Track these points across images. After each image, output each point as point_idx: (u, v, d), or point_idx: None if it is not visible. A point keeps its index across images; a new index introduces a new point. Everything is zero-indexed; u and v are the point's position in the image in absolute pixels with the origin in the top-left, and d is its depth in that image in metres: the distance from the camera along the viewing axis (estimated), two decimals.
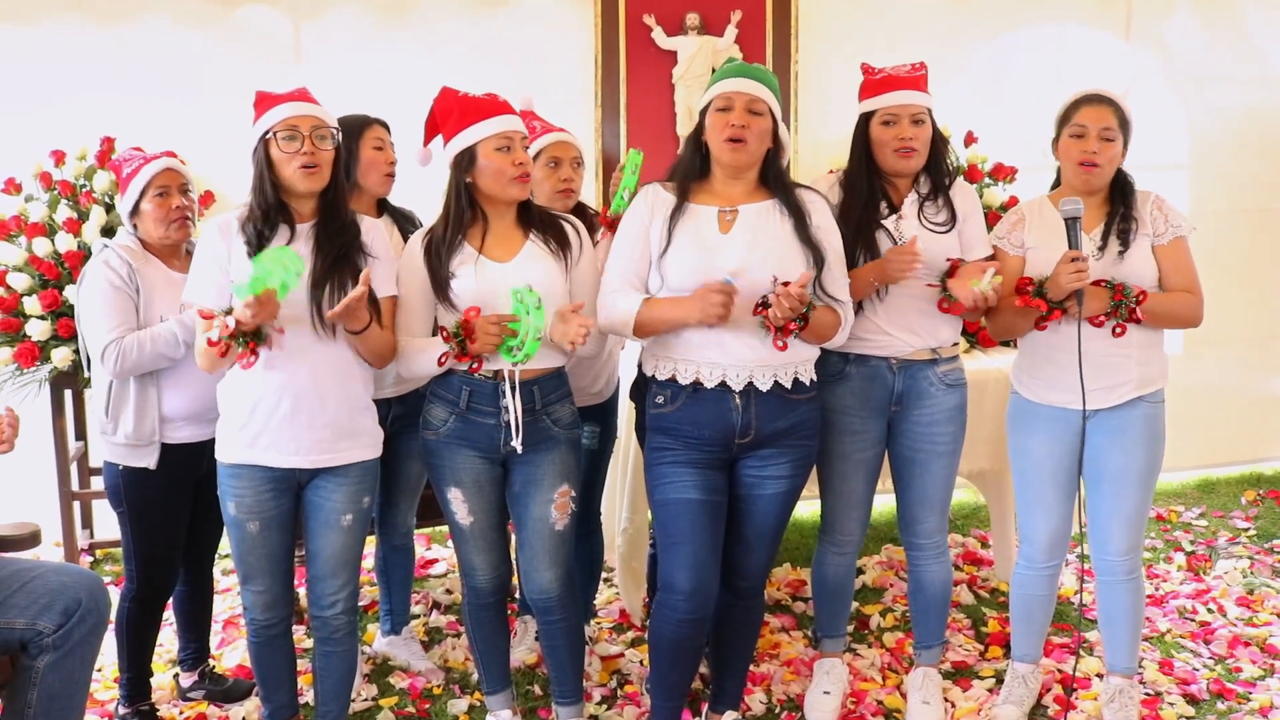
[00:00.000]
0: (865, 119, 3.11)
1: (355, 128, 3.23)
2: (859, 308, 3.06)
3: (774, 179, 2.88)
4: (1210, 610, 4.09)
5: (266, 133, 2.73)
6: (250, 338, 2.66)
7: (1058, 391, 3.09)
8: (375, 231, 2.88)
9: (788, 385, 2.82)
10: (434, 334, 2.88)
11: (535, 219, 2.91)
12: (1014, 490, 3.29)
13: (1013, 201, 4.61)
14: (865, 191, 3.08)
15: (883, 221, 3.07)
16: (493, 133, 2.79)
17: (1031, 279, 3.06)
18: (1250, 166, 5.47)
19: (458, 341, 2.75)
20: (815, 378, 2.91)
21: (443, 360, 2.79)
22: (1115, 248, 3.02)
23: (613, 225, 3.27)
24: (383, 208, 3.46)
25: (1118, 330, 3.00)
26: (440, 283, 2.82)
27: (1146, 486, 3.11)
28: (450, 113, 2.84)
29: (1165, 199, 3.09)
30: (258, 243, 2.72)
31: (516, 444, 2.83)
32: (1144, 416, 3.07)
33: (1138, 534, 3.15)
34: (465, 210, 2.86)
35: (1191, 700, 3.42)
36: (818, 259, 2.79)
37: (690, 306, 2.71)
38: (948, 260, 3.06)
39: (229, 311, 2.65)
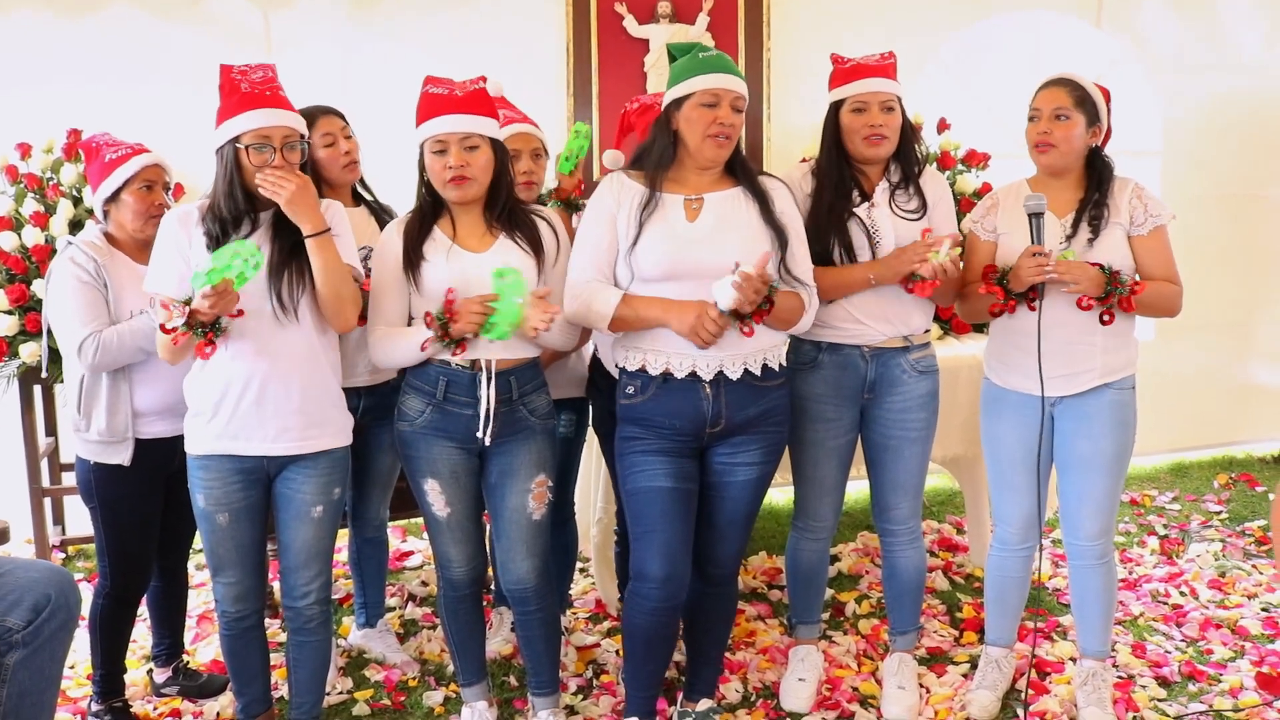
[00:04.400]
0: (835, 108, 3.12)
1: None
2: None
3: (738, 167, 2.88)
4: (1182, 593, 4.12)
5: (237, 138, 2.71)
6: (207, 328, 2.64)
7: (1022, 377, 3.10)
8: (333, 210, 2.86)
9: (757, 373, 2.83)
10: (409, 324, 2.87)
11: (507, 215, 2.89)
12: (987, 474, 3.31)
13: (986, 188, 4.62)
14: (837, 180, 3.09)
15: (855, 210, 3.08)
16: (428, 135, 2.80)
17: (995, 266, 3.09)
18: (1222, 153, 5.50)
19: (441, 325, 2.74)
20: (785, 363, 2.91)
21: (425, 345, 2.77)
22: (1085, 235, 3.02)
23: (560, 193, 3.29)
24: (359, 199, 3.44)
25: (1105, 318, 3.00)
26: (412, 262, 2.82)
27: (1115, 472, 3.12)
28: (416, 108, 2.84)
29: (1145, 187, 3.08)
30: (220, 237, 2.71)
31: (485, 436, 2.83)
32: (1110, 404, 3.08)
33: (1108, 519, 3.17)
34: (428, 204, 2.89)
35: (1163, 682, 3.45)
36: (782, 241, 2.80)
37: (680, 319, 2.71)
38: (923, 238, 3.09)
39: (188, 301, 2.63)
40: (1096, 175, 3.08)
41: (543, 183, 3.41)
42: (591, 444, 3.72)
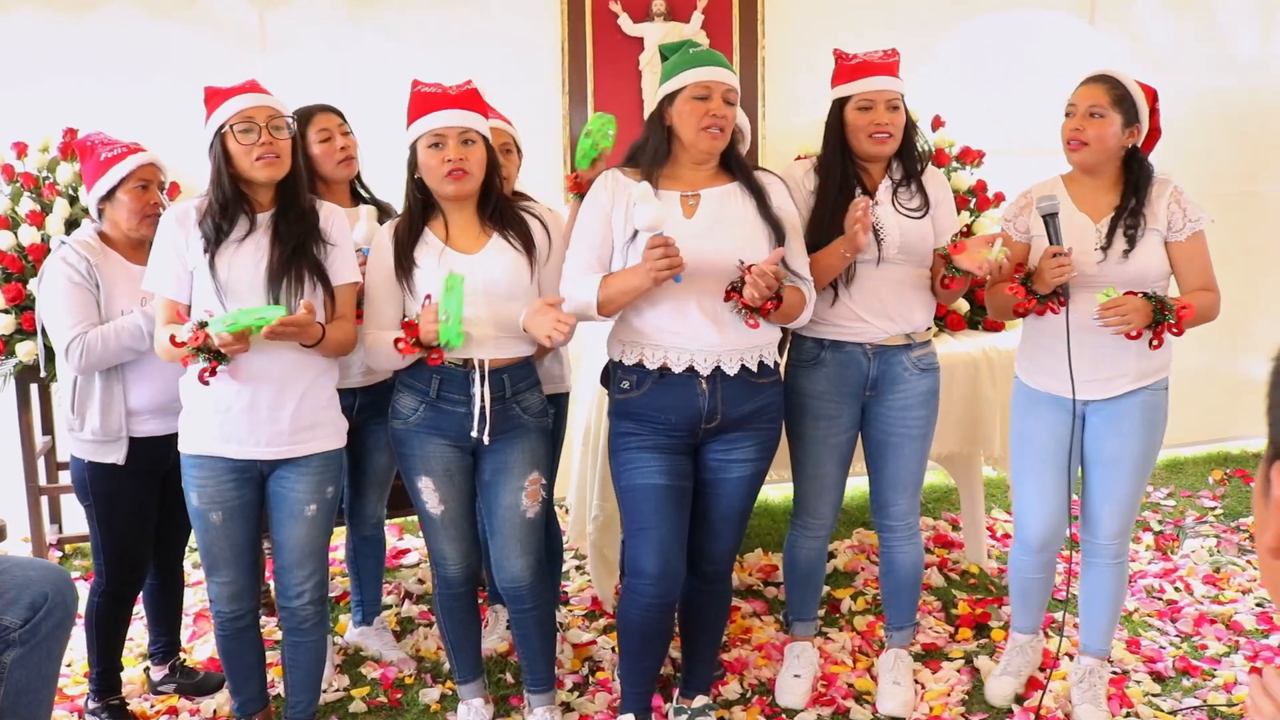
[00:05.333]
0: (840, 104, 3.11)
1: (299, 121, 3.19)
2: (834, 294, 3.08)
3: (734, 162, 2.89)
4: (1177, 589, 4.13)
5: (222, 126, 2.72)
6: (214, 356, 2.65)
7: (1054, 379, 3.09)
8: (335, 217, 2.87)
9: (754, 368, 2.84)
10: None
11: (498, 212, 2.90)
12: (1011, 475, 3.31)
13: (980, 185, 4.62)
14: (840, 178, 3.09)
15: None
16: (424, 130, 2.80)
17: (1023, 266, 3.07)
18: (1217, 150, 5.50)
19: (411, 331, 2.75)
20: (779, 360, 2.93)
21: (399, 346, 2.78)
22: (1121, 245, 2.98)
23: (577, 186, 3.29)
24: (358, 198, 3.44)
25: (1155, 343, 2.96)
26: (404, 268, 2.83)
27: (1141, 472, 3.12)
28: (408, 108, 2.84)
29: (1183, 190, 3.03)
30: (216, 236, 2.71)
31: (483, 435, 2.84)
32: (1143, 404, 3.07)
33: (1129, 519, 3.17)
34: (418, 205, 2.89)
35: (1158, 678, 3.46)
36: (779, 236, 2.81)
37: (640, 271, 2.70)
38: (955, 236, 3.10)
39: (203, 325, 2.63)
40: (1133, 179, 3.03)
41: (513, 179, 3.40)
42: (588, 442, 3.73)
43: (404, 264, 2.84)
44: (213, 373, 2.67)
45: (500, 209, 2.91)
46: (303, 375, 2.80)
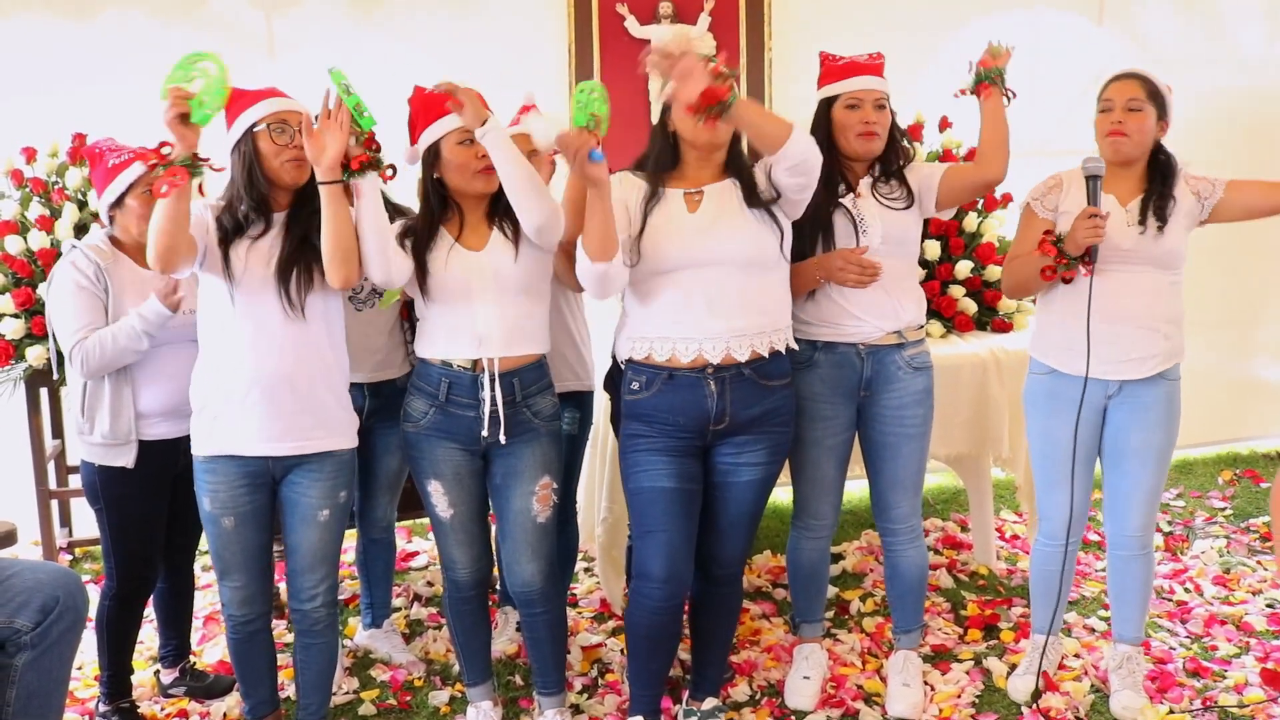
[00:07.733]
0: (826, 104, 3.15)
1: None
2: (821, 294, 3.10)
3: (732, 162, 2.92)
4: (1187, 590, 4.12)
5: (254, 125, 2.73)
6: (183, 164, 2.56)
7: (1081, 356, 3.12)
8: None
9: (765, 354, 2.85)
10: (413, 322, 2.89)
11: (502, 208, 2.91)
12: (1033, 469, 3.34)
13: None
14: (825, 175, 3.10)
15: (840, 200, 3.10)
16: (454, 127, 2.81)
17: (1053, 230, 3.13)
18: (1224, 150, 5.46)
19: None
20: (794, 346, 2.94)
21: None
22: (1154, 224, 3.07)
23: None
24: None
25: None
26: (419, 272, 2.85)
27: (1164, 463, 3.19)
28: (419, 110, 2.86)
29: (1187, 172, 3.16)
30: (235, 229, 2.74)
31: (500, 436, 2.84)
32: (1166, 394, 3.15)
33: (1154, 510, 3.23)
34: (437, 205, 2.89)
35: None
36: (774, 219, 2.85)
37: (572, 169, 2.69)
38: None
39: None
40: (1160, 168, 3.14)
41: (548, 180, 3.42)
42: (596, 444, 3.73)
43: (416, 263, 2.85)
44: (177, 175, 2.55)
45: (506, 204, 2.92)
46: (313, 368, 2.80)
